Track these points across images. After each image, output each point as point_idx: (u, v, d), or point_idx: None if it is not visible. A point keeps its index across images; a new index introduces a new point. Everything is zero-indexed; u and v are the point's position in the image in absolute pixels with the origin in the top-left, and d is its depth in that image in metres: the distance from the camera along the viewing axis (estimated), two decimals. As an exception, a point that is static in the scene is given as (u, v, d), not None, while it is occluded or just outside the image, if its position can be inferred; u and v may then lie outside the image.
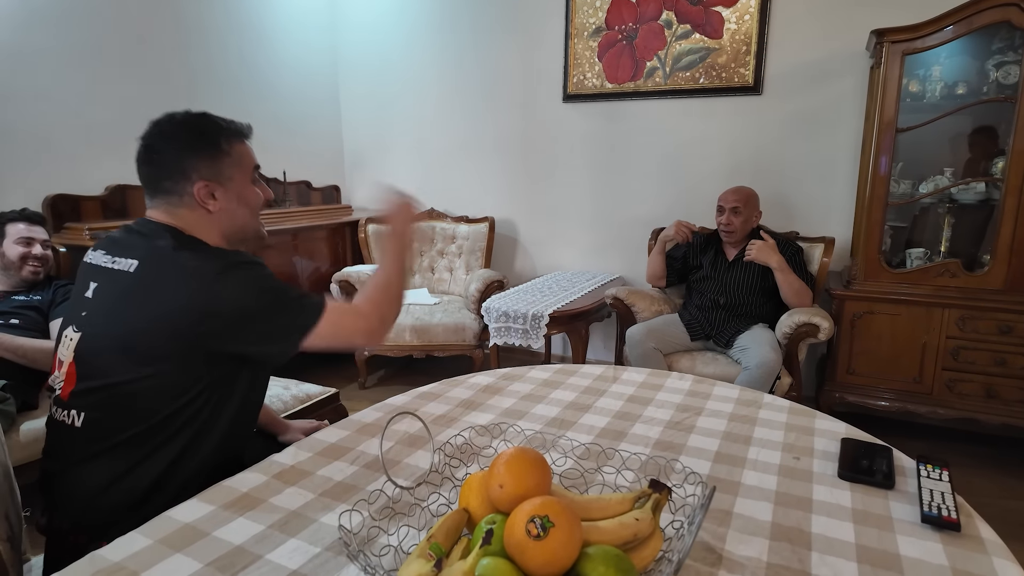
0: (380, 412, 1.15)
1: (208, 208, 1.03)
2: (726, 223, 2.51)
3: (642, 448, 1.00)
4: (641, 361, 2.37)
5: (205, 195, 1.02)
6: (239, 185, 1.06)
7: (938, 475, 0.91)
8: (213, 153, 1.03)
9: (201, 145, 1.03)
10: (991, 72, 2.37)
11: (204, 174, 1.02)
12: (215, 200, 1.03)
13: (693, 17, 2.95)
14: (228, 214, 1.06)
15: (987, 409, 2.31)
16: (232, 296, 0.94)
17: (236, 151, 1.06)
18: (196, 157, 1.02)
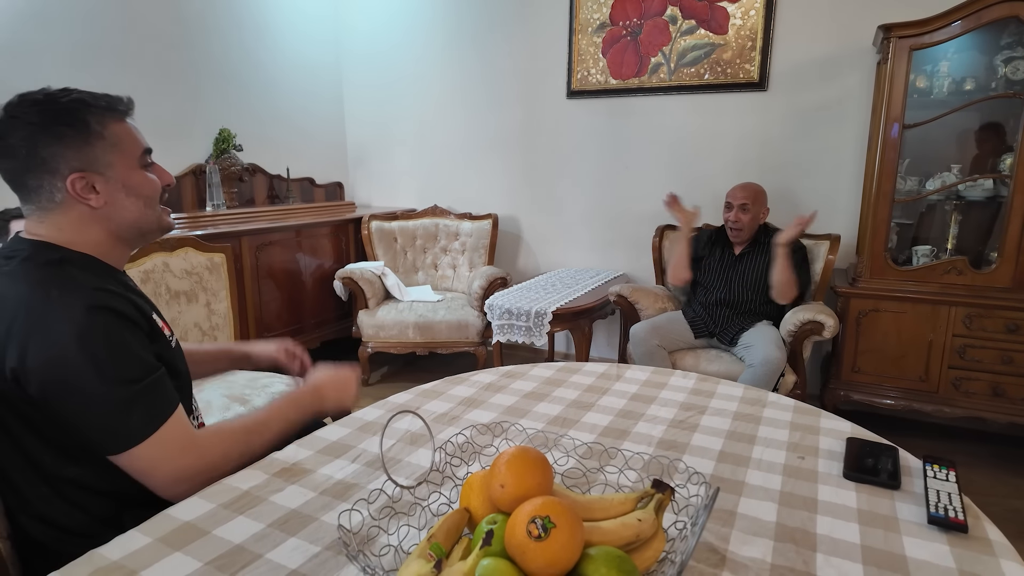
0: (381, 410, 1.14)
1: (90, 204, 0.87)
2: (734, 220, 2.49)
3: (645, 447, 1.00)
4: (645, 359, 2.36)
5: (83, 189, 0.86)
6: (123, 172, 0.89)
7: (945, 475, 0.90)
8: (84, 136, 0.85)
9: (66, 130, 0.84)
10: (1000, 68, 2.34)
11: (75, 164, 0.85)
12: (97, 193, 0.87)
13: (698, 13, 2.93)
14: (116, 208, 0.89)
15: (994, 408, 2.30)
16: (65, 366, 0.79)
17: (112, 132, 0.88)
18: (61, 145, 0.84)
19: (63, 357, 0.79)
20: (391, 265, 3.40)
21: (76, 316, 0.80)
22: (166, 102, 2.91)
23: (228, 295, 2.10)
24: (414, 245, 3.56)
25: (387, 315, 3.02)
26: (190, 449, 0.86)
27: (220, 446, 0.89)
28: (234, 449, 0.91)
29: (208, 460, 0.87)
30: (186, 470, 0.85)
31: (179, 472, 0.84)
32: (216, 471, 0.87)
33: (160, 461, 0.83)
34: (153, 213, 0.94)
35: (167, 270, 1.92)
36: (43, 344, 0.79)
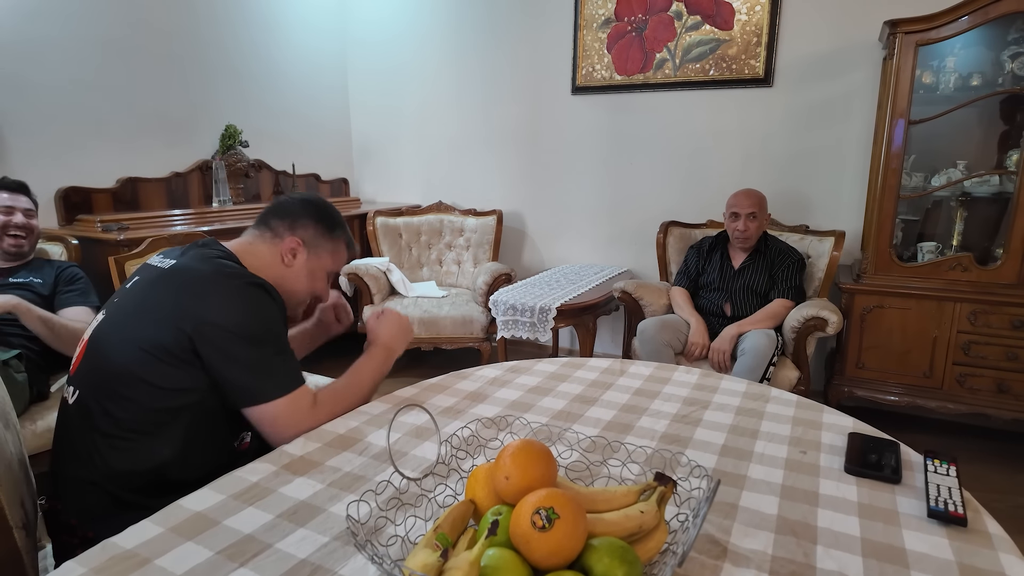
0: (388, 404, 1.15)
1: (283, 260, 1.15)
2: (743, 229, 2.45)
3: (648, 441, 1.01)
4: (652, 356, 2.37)
5: (289, 250, 1.15)
6: (316, 265, 1.19)
7: (945, 470, 0.90)
8: (324, 231, 1.19)
9: (322, 219, 1.19)
10: (1007, 63, 2.33)
11: (303, 236, 1.16)
12: (294, 259, 1.16)
13: (703, 8, 2.93)
14: (293, 275, 1.17)
15: (998, 404, 2.30)
16: (232, 319, 0.99)
17: (336, 246, 1.22)
18: (311, 224, 1.17)
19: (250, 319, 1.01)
20: (396, 261, 3.41)
21: (267, 290, 1.05)
22: (173, 98, 2.92)
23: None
24: (419, 241, 3.57)
25: (392, 310, 3.03)
26: (313, 411, 1.04)
27: (331, 407, 1.08)
28: (339, 408, 1.09)
29: (321, 419, 1.05)
30: (305, 427, 1.02)
31: (300, 429, 1.01)
32: (321, 425, 1.05)
33: (289, 418, 1.01)
34: (303, 299, 1.22)
35: (175, 265, 1.93)
36: (223, 308, 0.99)
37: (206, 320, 0.97)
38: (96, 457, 0.98)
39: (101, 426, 0.98)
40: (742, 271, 2.51)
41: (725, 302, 2.50)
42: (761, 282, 2.47)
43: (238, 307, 1.00)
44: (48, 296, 1.95)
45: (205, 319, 0.97)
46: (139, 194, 2.79)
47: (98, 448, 0.98)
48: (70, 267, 2.04)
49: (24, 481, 1.01)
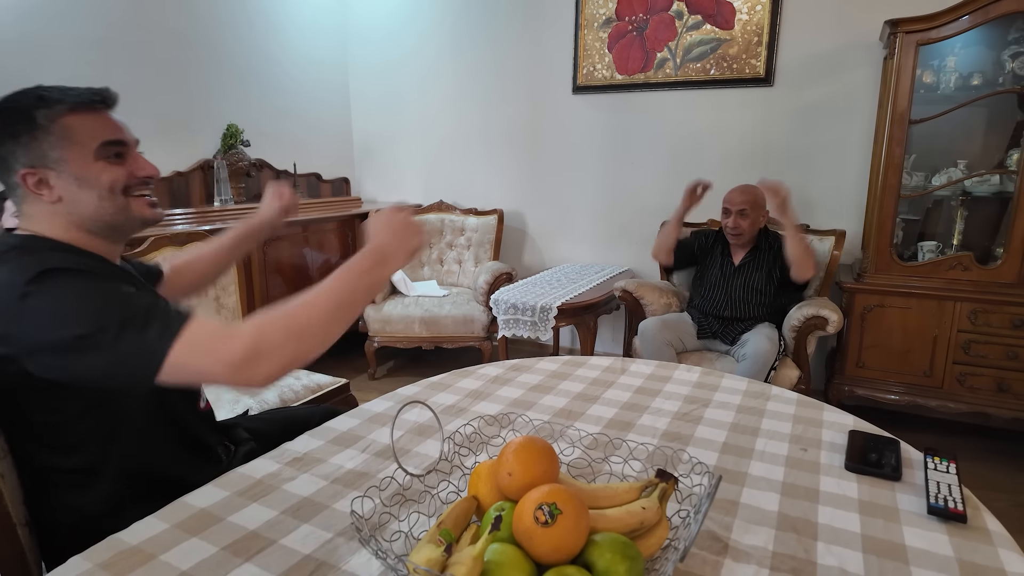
0: (390, 402, 1.16)
1: (44, 199, 0.87)
2: (733, 226, 2.41)
3: (649, 439, 1.01)
4: (653, 355, 2.37)
5: (35, 184, 0.86)
6: (76, 166, 0.87)
7: (945, 467, 0.91)
8: (31, 132, 0.85)
9: (14, 125, 0.85)
10: (1007, 63, 2.34)
11: (25, 160, 0.85)
12: (50, 188, 0.86)
13: (704, 8, 2.93)
14: (71, 203, 0.88)
15: (998, 403, 2.30)
16: (39, 324, 0.76)
17: (62, 126, 0.87)
18: (15, 143, 0.85)
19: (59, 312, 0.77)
20: (397, 260, 3.41)
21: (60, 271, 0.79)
22: (174, 97, 2.93)
23: (237, 289, 2.12)
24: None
25: (393, 310, 3.04)
26: (228, 337, 0.76)
27: (265, 326, 0.77)
28: (283, 324, 0.78)
29: (254, 340, 0.76)
30: (234, 354, 0.75)
31: (229, 359, 0.75)
32: (276, 349, 0.76)
33: (201, 358, 0.76)
34: (113, 205, 0.90)
35: (177, 264, 1.94)
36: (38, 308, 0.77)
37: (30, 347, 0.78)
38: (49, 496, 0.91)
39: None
40: (742, 268, 2.46)
41: (724, 306, 2.45)
42: (761, 280, 2.42)
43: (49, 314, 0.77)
44: None
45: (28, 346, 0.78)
46: (141, 193, 2.79)
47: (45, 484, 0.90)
48: None
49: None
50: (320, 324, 0.80)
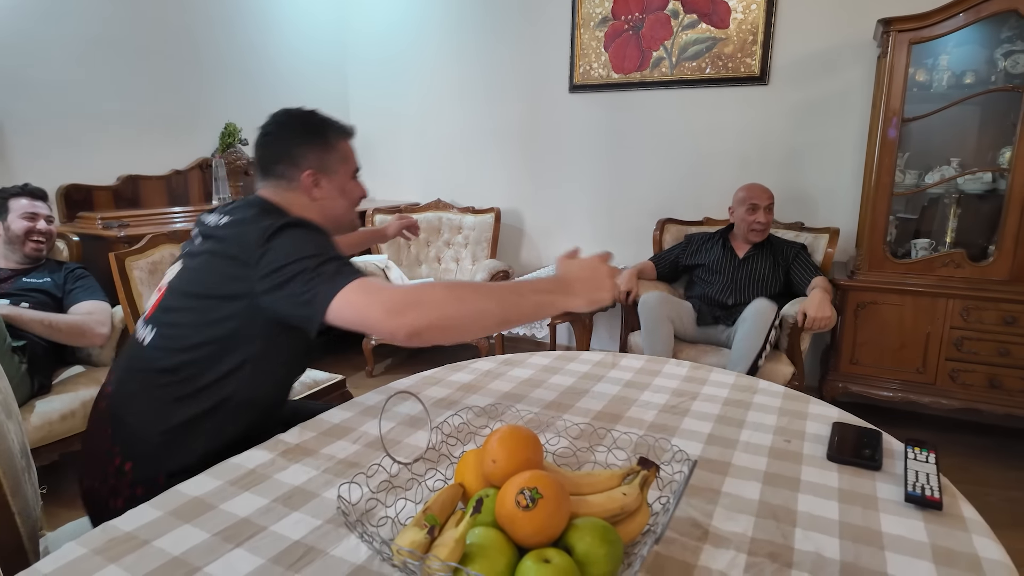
0: (382, 395, 1.18)
1: (312, 196, 1.14)
2: (764, 221, 2.49)
3: (636, 430, 1.03)
4: (652, 328, 2.37)
5: (311, 183, 1.13)
6: (342, 178, 1.17)
7: (925, 457, 0.93)
8: (322, 146, 1.14)
9: (312, 138, 1.14)
10: (999, 61, 2.35)
11: (312, 164, 1.13)
12: (319, 188, 1.14)
13: (700, 7, 2.95)
14: (329, 203, 1.16)
15: (990, 399, 2.32)
16: (278, 249, 0.95)
17: (342, 147, 1.18)
18: (307, 148, 1.13)
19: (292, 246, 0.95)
20: (395, 258, 3.44)
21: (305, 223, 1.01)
22: (172, 96, 2.95)
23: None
24: (417, 239, 3.59)
25: (391, 307, 3.05)
26: (393, 288, 0.89)
27: (430, 285, 0.88)
28: (447, 289, 0.89)
29: (416, 292, 0.87)
30: (394, 300, 0.86)
31: (389, 303, 0.86)
32: (431, 305, 0.86)
33: (367, 298, 0.87)
34: (352, 214, 1.23)
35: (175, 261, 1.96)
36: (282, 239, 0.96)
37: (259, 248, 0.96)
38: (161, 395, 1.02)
39: (170, 364, 1.02)
40: (747, 260, 2.53)
41: (727, 293, 2.50)
42: (765, 274, 2.49)
43: (289, 234, 0.97)
44: (59, 296, 2.07)
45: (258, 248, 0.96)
46: (140, 191, 2.82)
47: (165, 387, 1.02)
48: (78, 267, 2.17)
49: (26, 469, 1.04)
50: (476, 308, 0.88)
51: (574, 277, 0.95)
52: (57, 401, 1.92)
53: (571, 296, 0.93)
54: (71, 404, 1.93)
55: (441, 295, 0.87)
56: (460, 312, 0.87)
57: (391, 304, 0.85)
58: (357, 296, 0.87)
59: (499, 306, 0.89)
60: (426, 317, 0.85)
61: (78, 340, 2.01)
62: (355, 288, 0.88)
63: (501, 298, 0.90)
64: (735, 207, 2.57)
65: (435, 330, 0.85)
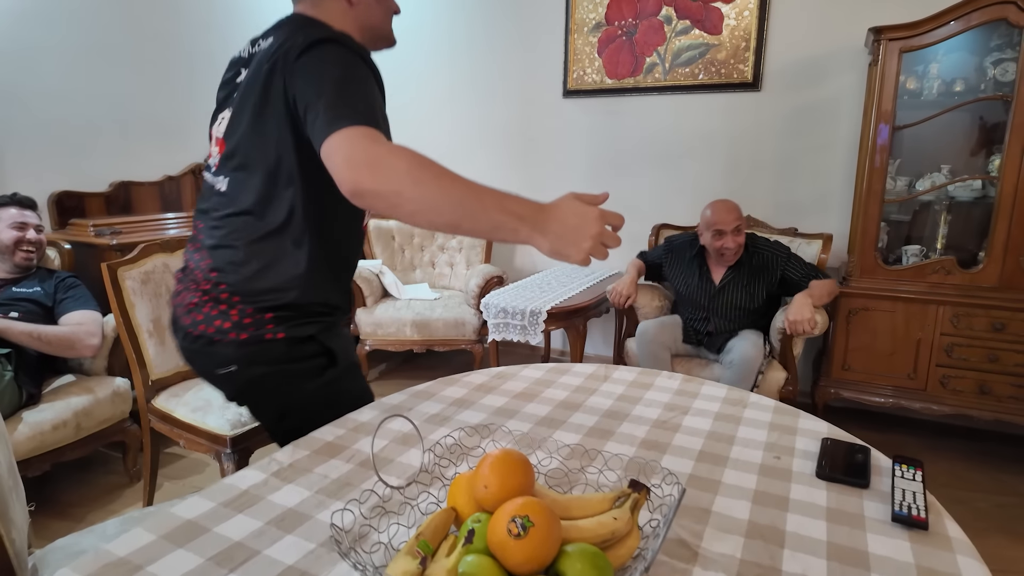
0: (375, 411, 1.18)
1: (350, 1, 1.11)
2: (732, 247, 2.32)
3: (628, 447, 1.04)
4: (648, 359, 2.38)
5: None
6: None
7: (912, 475, 0.94)
8: None
9: None
10: (988, 69, 2.38)
11: None
12: None
13: (693, 13, 2.96)
14: (365, 8, 1.13)
15: (980, 405, 2.34)
16: (311, 62, 0.96)
17: None
18: None
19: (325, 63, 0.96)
20: (389, 263, 3.44)
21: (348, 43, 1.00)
22: (166, 101, 2.94)
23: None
24: (412, 243, 3.59)
25: (385, 313, 3.06)
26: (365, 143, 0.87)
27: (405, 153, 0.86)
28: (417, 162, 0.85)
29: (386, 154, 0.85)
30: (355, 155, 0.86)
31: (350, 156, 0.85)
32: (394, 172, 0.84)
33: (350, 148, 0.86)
34: (388, 23, 1.18)
35: (167, 271, 1.96)
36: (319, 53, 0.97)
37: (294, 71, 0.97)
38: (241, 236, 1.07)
39: (247, 206, 1.06)
40: (724, 289, 2.42)
41: (706, 323, 2.46)
42: (743, 298, 2.39)
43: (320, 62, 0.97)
44: (50, 306, 2.04)
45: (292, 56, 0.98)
46: (132, 198, 2.81)
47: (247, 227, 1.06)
48: (69, 276, 2.17)
49: (13, 488, 1.04)
50: (429, 198, 0.83)
51: (556, 217, 0.83)
52: (49, 411, 1.91)
53: (540, 235, 0.83)
54: (63, 414, 1.93)
55: (403, 168, 0.83)
56: (411, 194, 0.83)
57: (353, 158, 0.85)
58: (337, 141, 0.87)
59: (454, 209, 0.84)
60: (374, 182, 0.83)
61: (68, 352, 2.00)
62: (342, 135, 0.87)
63: (461, 200, 0.84)
64: (701, 230, 2.41)
65: (379, 200, 0.83)
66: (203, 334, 1.08)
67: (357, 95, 0.93)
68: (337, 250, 1.15)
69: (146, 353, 1.89)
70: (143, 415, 1.91)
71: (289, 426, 1.11)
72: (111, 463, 2.32)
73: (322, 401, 1.15)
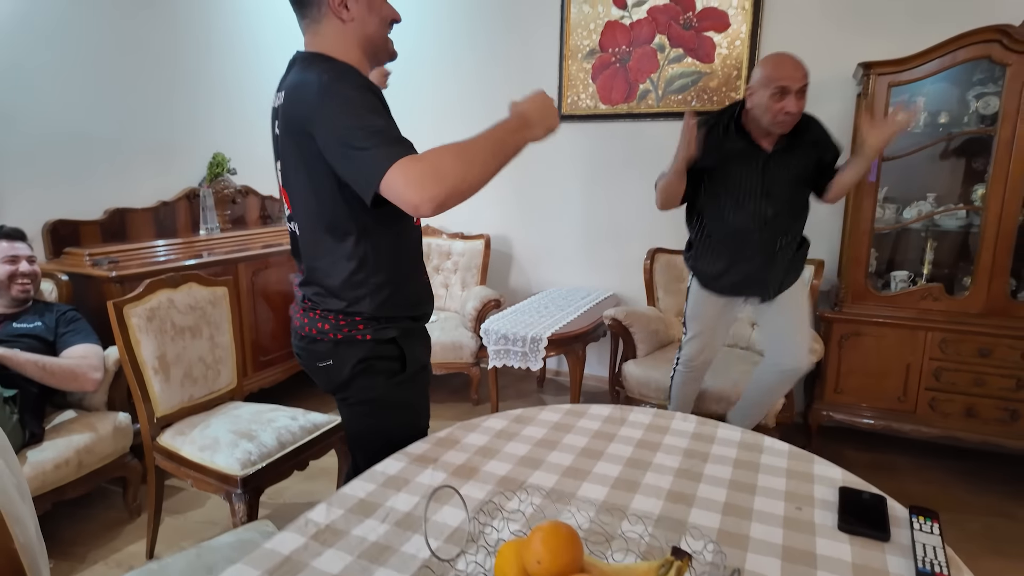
0: (402, 462, 1.19)
1: (342, 18, 1.17)
2: (794, 111, 1.78)
3: (655, 499, 1.07)
4: (681, 402, 2.30)
5: (338, 5, 1.16)
6: None
7: (930, 527, 0.98)
8: None
9: None
10: (972, 102, 2.47)
11: None
12: (347, 10, 1.16)
13: (685, 41, 3.02)
14: (361, 23, 1.18)
15: (967, 428, 2.42)
16: (328, 117, 1.05)
17: None
18: None
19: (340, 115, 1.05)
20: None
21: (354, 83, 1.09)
22: (161, 125, 2.91)
23: (231, 327, 2.13)
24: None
25: (383, 337, 3.05)
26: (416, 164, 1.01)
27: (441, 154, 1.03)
28: (455, 153, 1.03)
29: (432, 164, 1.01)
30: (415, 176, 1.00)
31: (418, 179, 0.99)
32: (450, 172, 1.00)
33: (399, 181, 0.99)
34: (385, 32, 1.24)
35: (172, 306, 1.94)
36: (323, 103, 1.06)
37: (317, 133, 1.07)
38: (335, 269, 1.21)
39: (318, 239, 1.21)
40: (774, 159, 1.89)
41: (766, 203, 1.91)
42: (800, 168, 1.91)
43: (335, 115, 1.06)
44: (51, 340, 2.02)
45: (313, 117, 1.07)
46: (127, 225, 2.78)
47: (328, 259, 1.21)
48: (69, 310, 2.13)
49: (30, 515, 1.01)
50: (483, 160, 1.04)
51: (528, 111, 1.11)
52: (50, 449, 1.89)
53: (534, 127, 1.11)
54: (65, 452, 1.90)
55: (450, 163, 1.01)
56: (469, 176, 1.01)
57: (412, 184, 0.98)
58: (390, 181, 1.00)
59: (495, 157, 1.06)
60: (442, 188, 0.99)
61: (71, 384, 1.98)
62: (390, 174, 0.99)
63: (495, 149, 1.06)
64: (755, 90, 1.85)
65: (454, 197, 1.00)
66: (308, 334, 1.26)
67: (378, 132, 1.04)
68: (398, 266, 1.26)
69: (151, 390, 1.88)
70: (148, 454, 1.89)
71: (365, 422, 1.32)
72: (111, 497, 2.29)
73: (392, 401, 1.30)
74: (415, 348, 1.32)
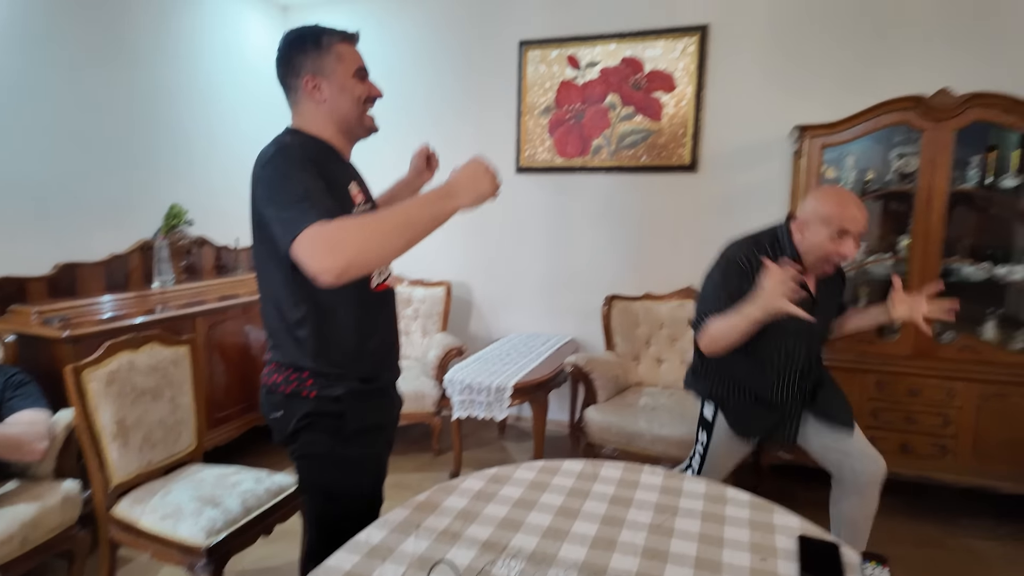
0: (384, 530, 1.21)
1: (316, 100, 1.26)
2: (850, 256, 1.69)
3: (632, 557, 1.12)
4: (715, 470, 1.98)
5: (312, 88, 1.25)
6: (341, 78, 1.26)
7: (880, 572, 1.07)
8: (316, 50, 1.24)
9: (306, 44, 1.24)
10: (894, 161, 2.72)
11: (310, 69, 1.24)
12: (319, 91, 1.25)
13: (636, 101, 3.21)
14: (333, 104, 1.26)
15: (903, 463, 2.58)
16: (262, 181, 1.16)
17: (337, 49, 1.26)
18: (303, 55, 1.24)
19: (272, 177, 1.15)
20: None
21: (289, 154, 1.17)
22: (115, 178, 2.86)
23: (192, 388, 2.09)
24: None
25: (344, 388, 3.02)
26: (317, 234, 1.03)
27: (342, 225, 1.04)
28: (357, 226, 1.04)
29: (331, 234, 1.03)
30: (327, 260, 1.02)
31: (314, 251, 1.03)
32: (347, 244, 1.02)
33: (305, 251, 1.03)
34: (358, 110, 1.30)
35: (133, 368, 1.90)
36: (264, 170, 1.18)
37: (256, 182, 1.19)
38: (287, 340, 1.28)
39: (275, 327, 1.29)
40: (819, 299, 1.81)
41: (805, 349, 1.83)
42: (833, 305, 1.91)
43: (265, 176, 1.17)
44: None
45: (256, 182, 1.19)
46: (77, 279, 2.69)
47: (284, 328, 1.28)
48: (16, 374, 2.01)
49: None
50: (388, 232, 1.04)
51: (455, 180, 1.11)
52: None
53: (458, 196, 1.10)
54: (9, 527, 1.78)
55: (352, 235, 1.03)
56: (370, 247, 1.03)
57: (313, 255, 1.02)
58: (296, 249, 1.04)
59: (405, 228, 1.05)
60: (338, 260, 1.01)
61: (13, 455, 1.87)
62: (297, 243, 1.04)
63: (405, 221, 1.06)
64: (812, 224, 1.70)
65: (352, 268, 1.03)
66: (265, 384, 1.32)
67: (293, 195, 1.09)
68: (347, 326, 1.28)
69: (107, 457, 1.81)
70: (102, 526, 1.81)
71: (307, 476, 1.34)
72: (54, 573, 2.16)
73: (335, 459, 1.30)
74: (362, 409, 1.30)
